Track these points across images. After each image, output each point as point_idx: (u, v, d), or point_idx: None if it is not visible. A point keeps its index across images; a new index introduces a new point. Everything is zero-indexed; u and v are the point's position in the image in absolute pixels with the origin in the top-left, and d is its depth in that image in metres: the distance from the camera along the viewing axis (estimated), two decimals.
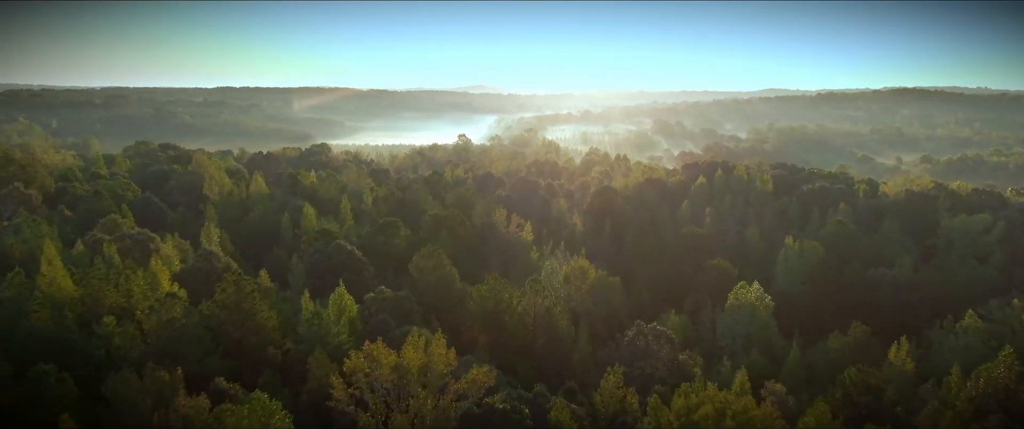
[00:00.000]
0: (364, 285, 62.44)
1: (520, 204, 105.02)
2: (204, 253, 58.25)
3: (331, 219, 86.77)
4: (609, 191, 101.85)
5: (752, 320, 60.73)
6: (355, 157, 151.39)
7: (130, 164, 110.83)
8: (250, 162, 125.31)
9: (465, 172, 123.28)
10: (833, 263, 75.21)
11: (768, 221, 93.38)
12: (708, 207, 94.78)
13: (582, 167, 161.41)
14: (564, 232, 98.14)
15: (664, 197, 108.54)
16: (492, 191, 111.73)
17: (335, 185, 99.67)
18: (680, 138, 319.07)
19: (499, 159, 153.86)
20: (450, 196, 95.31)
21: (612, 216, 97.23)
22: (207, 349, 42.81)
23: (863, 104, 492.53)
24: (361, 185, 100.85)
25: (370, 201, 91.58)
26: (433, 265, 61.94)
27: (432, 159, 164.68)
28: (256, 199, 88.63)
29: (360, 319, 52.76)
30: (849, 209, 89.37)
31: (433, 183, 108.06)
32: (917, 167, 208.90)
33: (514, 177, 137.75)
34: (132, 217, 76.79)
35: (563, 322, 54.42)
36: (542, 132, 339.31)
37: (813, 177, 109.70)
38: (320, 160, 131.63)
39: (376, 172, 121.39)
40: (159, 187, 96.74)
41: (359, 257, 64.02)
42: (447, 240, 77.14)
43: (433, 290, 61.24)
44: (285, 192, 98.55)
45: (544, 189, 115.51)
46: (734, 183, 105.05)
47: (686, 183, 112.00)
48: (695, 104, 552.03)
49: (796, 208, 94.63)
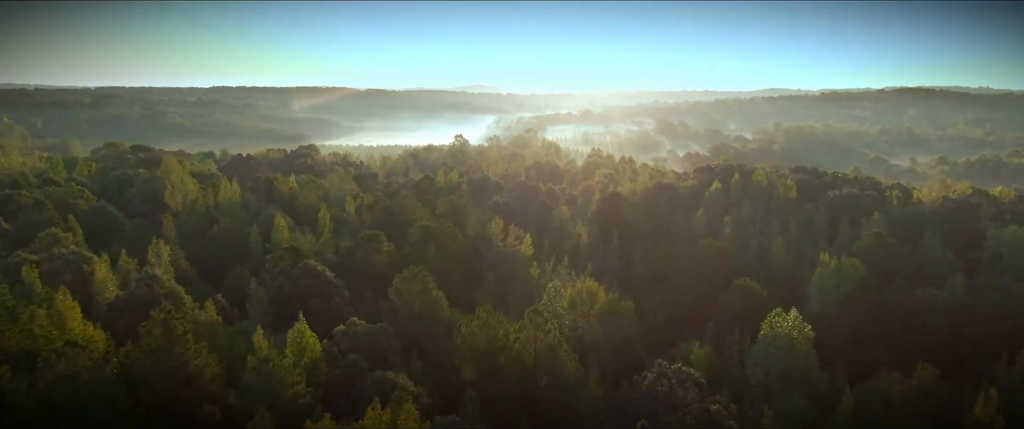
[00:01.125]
0: (336, 313, 53.54)
1: (519, 212, 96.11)
2: (145, 278, 49.25)
3: (308, 231, 77.87)
4: (616, 198, 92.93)
5: (790, 354, 51.80)
6: (343, 160, 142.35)
7: (94, 168, 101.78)
8: (229, 165, 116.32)
9: (459, 176, 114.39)
10: (873, 282, 66.27)
11: (793, 232, 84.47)
12: (726, 216, 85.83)
13: (585, 170, 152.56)
14: (567, 244, 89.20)
15: (675, 204, 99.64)
16: (488, 197, 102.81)
17: (315, 192, 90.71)
18: (684, 138, 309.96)
19: (496, 161, 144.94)
20: (442, 204, 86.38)
21: (619, 226, 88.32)
22: (121, 410, 33.88)
23: (869, 104, 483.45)
24: (344, 191, 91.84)
25: (353, 210, 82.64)
26: (417, 290, 53.00)
27: (426, 161, 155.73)
28: (225, 208, 79.64)
29: (325, 360, 43.84)
30: (883, 219, 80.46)
31: (424, 189, 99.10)
32: (934, 169, 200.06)
33: (512, 181, 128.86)
34: (80, 230, 67.81)
35: (570, 363, 45.44)
36: (542, 132, 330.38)
37: (838, 182, 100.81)
38: (304, 163, 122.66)
39: (363, 176, 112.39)
40: (120, 194, 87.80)
41: (331, 280, 55.05)
42: (436, 256, 68.24)
43: (416, 320, 52.31)
44: (261, 199, 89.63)
45: (544, 195, 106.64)
46: (753, 189, 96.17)
47: (699, 188, 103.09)
48: (697, 104, 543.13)
49: (822, 217, 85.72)
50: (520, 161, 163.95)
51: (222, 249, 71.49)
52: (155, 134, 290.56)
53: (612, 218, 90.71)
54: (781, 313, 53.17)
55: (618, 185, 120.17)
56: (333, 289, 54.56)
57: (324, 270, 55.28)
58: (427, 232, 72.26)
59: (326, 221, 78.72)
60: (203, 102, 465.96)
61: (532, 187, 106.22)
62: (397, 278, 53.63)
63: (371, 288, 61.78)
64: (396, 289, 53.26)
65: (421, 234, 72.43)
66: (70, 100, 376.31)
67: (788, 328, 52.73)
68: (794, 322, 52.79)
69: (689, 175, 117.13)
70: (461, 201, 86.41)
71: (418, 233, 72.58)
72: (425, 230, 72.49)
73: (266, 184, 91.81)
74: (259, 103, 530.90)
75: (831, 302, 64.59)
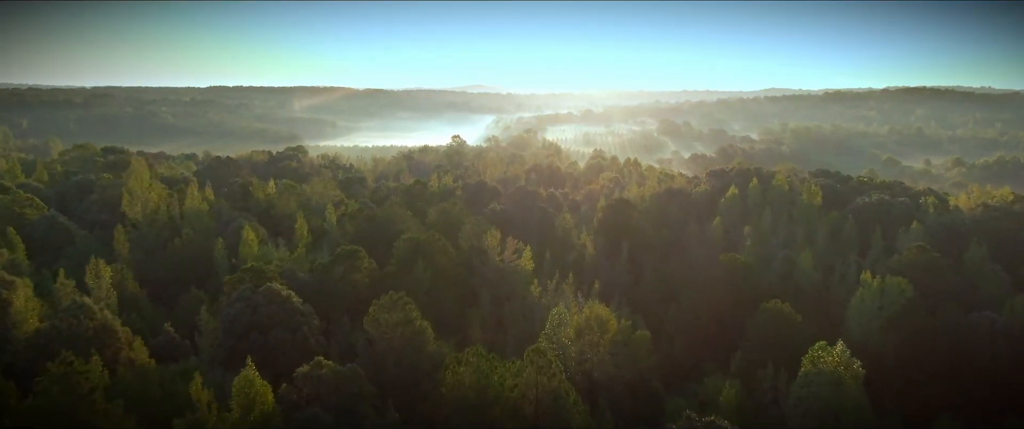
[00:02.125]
0: (302, 347, 45.63)
1: (518, 220, 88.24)
2: (71, 308, 41.24)
3: (284, 243, 69.95)
4: (623, 205, 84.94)
5: (838, 395, 43.85)
6: (332, 162, 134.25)
7: (59, 170, 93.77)
8: (207, 169, 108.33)
9: (454, 180, 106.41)
10: (921, 305, 58.33)
11: (820, 244, 76.56)
12: (747, 226, 77.79)
13: (588, 172, 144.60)
14: (571, 256, 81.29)
15: (688, 211, 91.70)
16: (485, 204, 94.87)
17: (295, 198, 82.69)
18: (688, 139, 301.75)
19: (494, 164, 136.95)
20: (433, 213, 78.44)
21: (629, 235, 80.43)
22: None
23: (874, 103, 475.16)
24: (326, 198, 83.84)
25: (334, 220, 74.67)
26: (397, 319, 45.00)
27: (420, 163, 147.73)
28: (191, 218, 71.63)
29: (281, 413, 35.92)
30: (922, 229, 72.50)
31: (415, 195, 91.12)
32: (950, 171, 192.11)
33: (511, 185, 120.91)
34: (21, 245, 59.82)
35: (579, 415, 37.46)
36: (542, 133, 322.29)
37: (865, 188, 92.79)
38: (289, 166, 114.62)
39: (351, 180, 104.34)
40: (80, 202, 79.85)
41: (297, 307, 47.07)
42: (424, 273, 60.34)
43: (396, 356, 44.34)
44: (235, 207, 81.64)
45: (545, 200, 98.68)
46: (773, 195, 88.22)
47: (713, 194, 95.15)
48: (699, 103, 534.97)
49: (852, 227, 77.77)
50: (519, 163, 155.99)
51: (183, 266, 63.56)
52: (144, 134, 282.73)
53: (620, 227, 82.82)
54: (826, 347, 45.21)
55: (624, 189, 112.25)
56: (300, 318, 46.58)
57: (289, 295, 47.28)
58: (415, 246, 64.31)
59: (303, 232, 70.82)
60: (197, 102, 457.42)
61: (532, 192, 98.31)
62: (374, 305, 45.63)
63: (348, 313, 53.93)
64: (373, 318, 45.25)
65: (408, 249, 64.48)
66: (61, 100, 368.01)
67: (833, 363, 44.85)
68: (841, 358, 44.88)
69: (701, 179, 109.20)
70: (454, 209, 78.46)
71: (404, 247, 64.63)
72: (412, 244, 64.53)
73: (240, 190, 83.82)
74: (255, 103, 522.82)
75: (873, 328, 56.68)
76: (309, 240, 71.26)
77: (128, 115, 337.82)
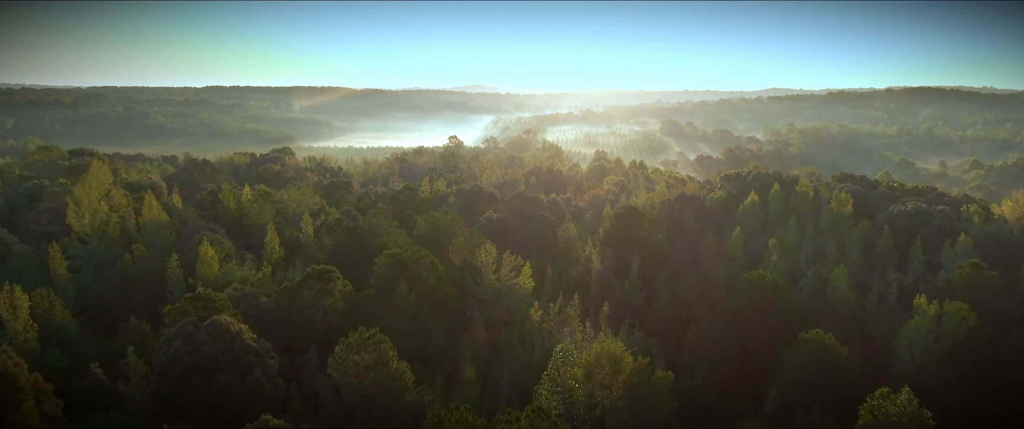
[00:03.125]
0: (254, 394, 37.77)
1: (516, 230, 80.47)
2: None
3: (253, 259, 62.11)
4: (632, 214, 77.03)
5: None
6: (319, 165, 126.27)
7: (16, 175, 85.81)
8: (180, 173, 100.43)
9: (448, 185, 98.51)
10: (982, 333, 50.47)
11: (852, 258, 68.70)
12: (772, 239, 69.83)
13: (591, 175, 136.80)
14: (575, 271, 73.52)
15: (703, 220, 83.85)
16: (481, 212, 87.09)
17: (270, 207, 74.78)
18: (692, 140, 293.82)
19: (492, 166, 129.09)
20: (422, 223, 70.54)
21: (639, 248, 72.54)
22: None
23: (879, 103, 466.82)
24: (304, 206, 75.96)
25: (310, 232, 66.77)
26: (370, 362, 37.19)
27: (413, 166, 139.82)
28: (149, 230, 63.70)
29: None
30: (971, 243, 64.63)
31: (403, 202, 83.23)
32: (968, 173, 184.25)
33: (509, 190, 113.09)
34: None
35: None
36: (542, 133, 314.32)
37: (896, 194, 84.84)
38: (270, 170, 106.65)
39: (335, 186, 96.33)
40: (29, 210, 71.89)
41: (249, 344, 39.13)
42: (407, 296, 52.52)
43: (367, 407, 36.50)
44: (203, 217, 73.75)
45: (547, 207, 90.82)
46: (797, 202, 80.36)
47: (729, 201, 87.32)
48: (701, 103, 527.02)
49: (888, 240, 69.91)
50: (518, 166, 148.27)
51: (135, 288, 55.64)
52: (132, 135, 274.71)
53: (629, 238, 74.90)
54: (888, 395, 37.35)
55: (631, 195, 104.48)
56: (252, 359, 38.67)
57: (240, 331, 39.35)
58: (398, 264, 56.45)
59: (274, 247, 62.93)
60: (191, 102, 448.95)
61: (532, 199, 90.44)
62: (342, 345, 37.78)
63: (319, 345, 46.04)
64: (340, 361, 37.40)
65: (390, 267, 56.63)
66: (50, 100, 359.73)
67: (898, 414, 37.06)
68: (906, 407, 37.07)
69: (714, 184, 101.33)
70: (445, 219, 70.49)
71: (386, 265, 56.78)
72: (395, 261, 56.67)
73: (209, 198, 75.89)
74: (250, 103, 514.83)
75: (928, 362, 48.81)
76: (281, 255, 63.45)
77: (117, 115, 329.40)
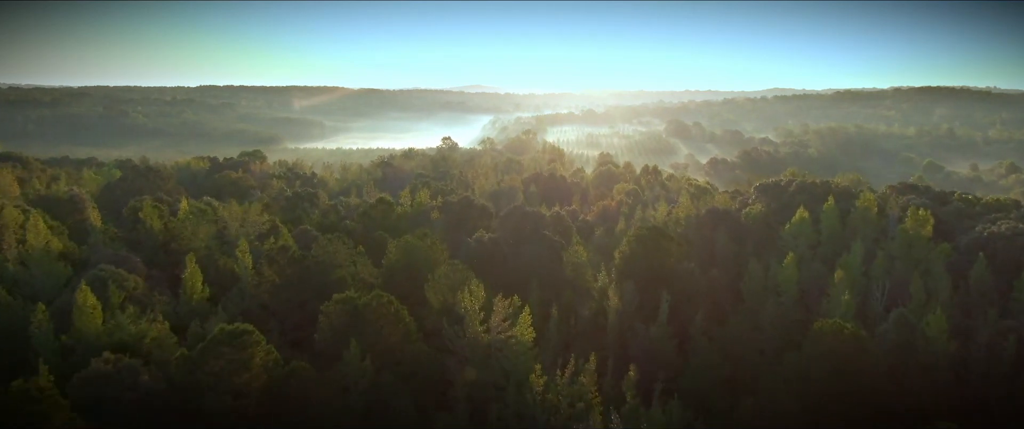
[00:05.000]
0: None
1: (513, 254, 65.66)
2: None
3: (161, 305, 47.21)
4: (656, 236, 61.93)
5: None
6: (290, 170, 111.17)
7: None
8: (119, 183, 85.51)
9: (433, 196, 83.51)
10: None
11: (942, 295, 53.74)
12: (838, 270, 54.68)
13: (598, 182, 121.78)
14: (587, 308, 58.68)
15: (741, 241, 68.95)
16: (471, 229, 72.09)
17: (205, 228, 59.78)
18: (700, 141, 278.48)
19: (486, 172, 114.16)
20: (393, 251, 55.54)
21: (668, 281, 57.62)
22: None
23: (891, 103, 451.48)
24: (249, 227, 60.94)
25: (248, 262, 51.78)
26: None
27: (399, 172, 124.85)
28: (36, 261, 48.77)
29: None
30: None
31: (375, 220, 68.31)
32: (1006, 178, 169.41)
33: (506, 201, 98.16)
34: None
35: None
36: (542, 134, 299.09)
37: (975, 209, 69.82)
38: (227, 178, 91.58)
39: (299, 198, 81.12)
40: None
41: None
42: (357, 363, 37.67)
43: None
44: (120, 241, 58.77)
45: (550, 224, 75.78)
46: (858, 221, 65.41)
47: (770, 217, 72.45)
48: (705, 103, 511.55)
49: (986, 273, 54.99)
50: (516, 170, 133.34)
51: None
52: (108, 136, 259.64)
53: (653, 266, 59.95)
54: None
55: (647, 207, 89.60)
56: None
57: None
58: (350, 314, 41.54)
59: (195, 285, 48.01)
60: (178, 101, 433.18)
61: (532, 214, 75.42)
62: None
63: None
64: None
65: (340, 318, 41.73)
66: (27, 99, 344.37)
67: None
68: None
69: (745, 194, 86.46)
70: (422, 246, 55.46)
71: (335, 316, 41.87)
72: (347, 311, 41.77)
73: (129, 215, 60.87)
74: (242, 103, 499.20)
75: None
76: (204, 296, 48.50)
77: (96, 115, 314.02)
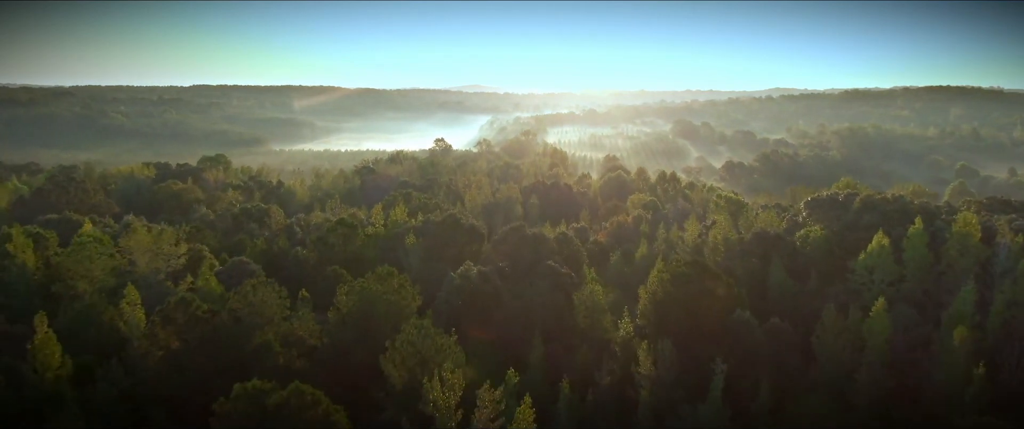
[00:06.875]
0: None
1: (509, 295, 50.94)
2: None
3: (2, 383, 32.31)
4: (697, 274, 47.03)
5: None
6: (253, 179, 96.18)
7: None
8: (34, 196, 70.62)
9: (411, 213, 68.55)
10: None
11: None
12: (958, 326, 39.83)
13: (607, 191, 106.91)
14: (607, 373, 43.85)
15: (801, 275, 54.15)
16: (456, 259, 57.14)
17: (101, 263, 44.88)
18: (710, 142, 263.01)
19: (480, 181, 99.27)
20: (345, 299, 40.61)
21: (718, 337, 42.89)
22: None
23: (904, 103, 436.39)
24: (160, 262, 46.00)
25: (140, 318, 36.89)
26: None
27: (382, 178, 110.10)
28: None
29: None
30: None
31: (332, 248, 53.38)
32: None
33: (502, 216, 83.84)
34: None
35: None
36: (542, 134, 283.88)
37: None
38: (169, 189, 76.55)
39: (248, 214, 66.03)
40: None
41: None
42: None
43: None
44: None
45: (556, 249, 61.01)
46: (955, 250, 50.58)
47: (832, 241, 57.67)
48: (709, 103, 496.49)
49: None
50: (514, 177, 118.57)
51: None
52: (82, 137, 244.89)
53: (695, 316, 45.19)
54: None
55: (672, 225, 74.82)
56: None
57: None
58: (258, 417, 26.76)
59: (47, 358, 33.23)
60: (163, 101, 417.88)
61: (533, 238, 60.69)
62: None
63: None
64: None
65: (243, 421, 26.92)
66: (3, 99, 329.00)
67: None
68: None
69: (792, 211, 71.67)
70: (385, 291, 40.55)
71: (235, 419, 27.05)
72: (253, 410, 26.96)
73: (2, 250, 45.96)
74: (232, 102, 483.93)
75: None
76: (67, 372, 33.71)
77: (74, 115, 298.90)
